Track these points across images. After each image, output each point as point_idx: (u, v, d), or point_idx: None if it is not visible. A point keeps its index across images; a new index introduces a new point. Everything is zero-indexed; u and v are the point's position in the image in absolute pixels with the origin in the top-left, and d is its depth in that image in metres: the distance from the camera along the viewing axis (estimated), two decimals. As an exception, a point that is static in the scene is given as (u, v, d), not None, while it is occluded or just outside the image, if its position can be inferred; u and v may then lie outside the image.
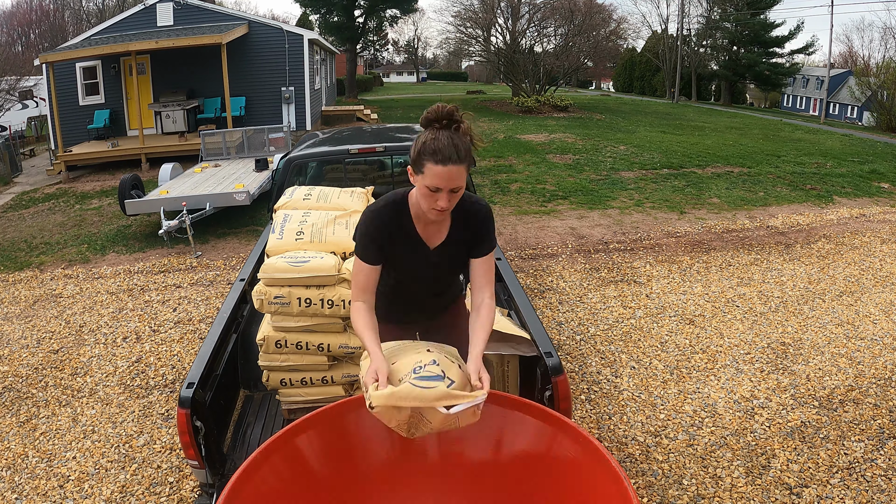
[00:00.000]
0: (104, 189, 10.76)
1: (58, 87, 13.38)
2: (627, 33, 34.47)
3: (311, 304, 2.61)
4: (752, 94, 46.06)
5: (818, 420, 3.65)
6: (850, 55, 43.86)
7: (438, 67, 68.73)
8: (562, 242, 7.17)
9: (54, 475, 3.33)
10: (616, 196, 9.14)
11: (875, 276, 6.05)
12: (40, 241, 7.91)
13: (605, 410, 3.79)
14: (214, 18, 14.58)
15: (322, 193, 3.36)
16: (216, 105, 14.39)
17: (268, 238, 4.05)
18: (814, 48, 38.97)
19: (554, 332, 4.85)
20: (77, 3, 35.28)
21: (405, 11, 30.21)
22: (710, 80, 40.61)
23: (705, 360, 4.41)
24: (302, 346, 2.69)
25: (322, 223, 2.98)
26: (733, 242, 7.12)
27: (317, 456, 1.99)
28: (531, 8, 24.20)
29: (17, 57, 22.85)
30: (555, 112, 20.48)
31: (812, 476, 3.16)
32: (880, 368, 4.25)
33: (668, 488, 3.10)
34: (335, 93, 24.24)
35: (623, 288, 5.75)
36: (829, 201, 9.02)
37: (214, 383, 2.69)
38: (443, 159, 1.75)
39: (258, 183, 8.29)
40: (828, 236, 7.34)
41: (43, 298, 5.98)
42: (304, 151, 4.66)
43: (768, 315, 5.14)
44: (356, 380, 2.79)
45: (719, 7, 37.50)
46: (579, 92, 38.28)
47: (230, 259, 6.88)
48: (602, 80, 51.80)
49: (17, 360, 4.71)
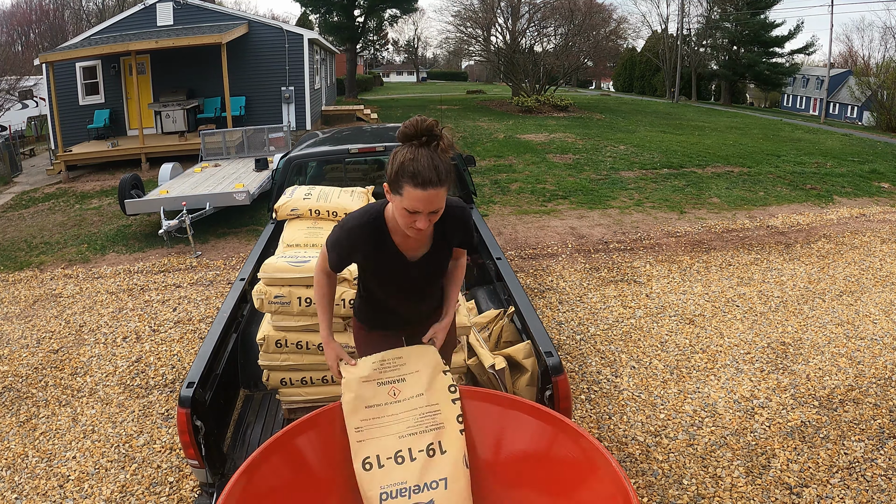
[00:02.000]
0: (104, 189, 10.76)
1: (58, 87, 13.37)
2: (627, 33, 34.62)
3: (312, 304, 2.61)
4: (752, 94, 46.06)
5: (818, 420, 3.65)
6: (850, 55, 43.86)
7: (438, 67, 68.71)
8: (562, 242, 7.17)
9: (54, 475, 3.33)
10: (616, 196, 9.14)
11: (875, 275, 6.04)
12: (40, 241, 7.91)
13: (605, 410, 3.79)
14: (214, 18, 14.58)
15: (322, 193, 3.36)
16: (216, 105, 14.39)
17: (268, 235, 4.07)
18: (814, 48, 38.96)
19: (554, 331, 4.85)
20: (77, 3, 35.28)
21: (405, 11, 30.22)
22: (710, 80, 40.61)
23: (705, 359, 4.41)
24: (302, 346, 2.69)
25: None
26: (733, 242, 7.12)
27: (317, 456, 1.99)
28: (531, 7, 24.23)
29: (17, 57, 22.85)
30: (555, 112, 20.48)
31: (812, 476, 3.16)
32: (880, 368, 4.25)
33: (668, 488, 3.09)
34: (335, 92, 24.24)
35: (623, 287, 5.75)
36: (830, 201, 9.02)
37: (214, 383, 2.69)
38: (422, 182, 1.66)
39: (258, 183, 8.29)
40: (828, 236, 7.34)
41: (43, 298, 5.98)
42: (304, 151, 4.66)
43: (768, 315, 5.14)
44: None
45: (719, 7, 37.49)
46: (579, 92, 38.28)
47: (230, 259, 6.88)
48: (602, 80, 51.81)
49: (17, 359, 4.71)
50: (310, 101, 15.13)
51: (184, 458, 3.29)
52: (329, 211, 3.25)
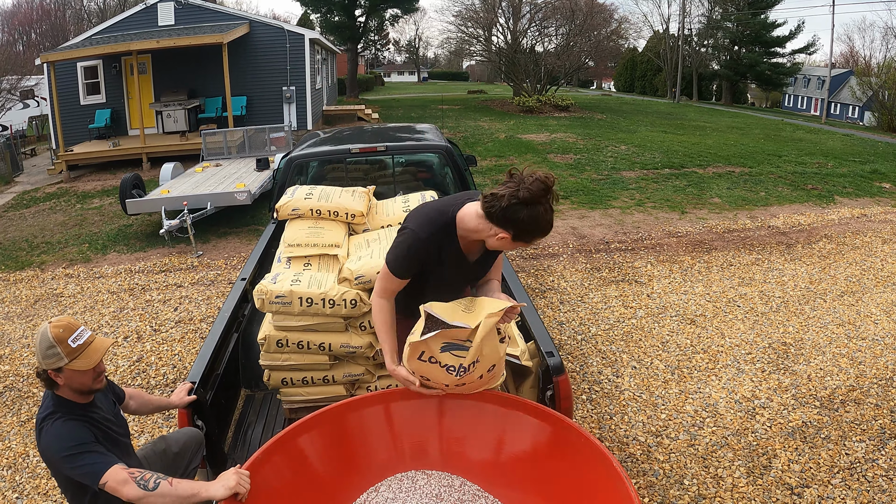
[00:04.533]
0: (105, 188, 10.76)
1: (59, 87, 13.38)
2: (629, 33, 34.55)
3: (313, 304, 2.61)
4: (754, 94, 46.02)
5: (819, 420, 3.65)
6: (852, 55, 43.79)
7: (439, 67, 68.69)
8: (563, 242, 7.16)
9: (55, 474, 3.33)
10: (617, 196, 9.14)
11: (876, 276, 6.04)
12: (41, 241, 7.92)
13: (606, 410, 3.78)
14: (215, 18, 14.58)
15: (323, 193, 3.36)
16: (217, 104, 14.39)
17: (270, 235, 4.07)
18: (815, 48, 38.97)
19: (555, 331, 4.85)
20: (78, 3, 35.29)
21: (406, 11, 30.22)
22: (711, 80, 40.59)
23: (706, 360, 4.40)
24: (303, 346, 2.68)
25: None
26: (734, 242, 7.11)
27: (318, 456, 1.99)
28: (532, 7, 24.22)
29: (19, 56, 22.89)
30: (556, 112, 20.47)
31: (813, 476, 3.16)
32: (881, 368, 4.25)
33: (670, 488, 3.09)
34: (336, 92, 24.23)
35: (624, 288, 5.75)
36: (831, 201, 9.01)
37: (215, 383, 2.69)
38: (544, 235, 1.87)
39: (259, 182, 8.29)
40: (829, 236, 7.33)
41: (44, 298, 5.98)
42: (305, 151, 4.65)
43: (769, 315, 5.14)
44: (357, 379, 2.79)
45: (720, 7, 37.47)
46: (580, 92, 38.28)
47: (231, 258, 6.89)
48: (603, 80, 51.82)
49: (18, 359, 4.72)
50: (311, 101, 15.14)
51: (185, 457, 3.29)
52: (330, 211, 3.25)
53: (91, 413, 1.97)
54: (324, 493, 1.94)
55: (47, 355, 1.87)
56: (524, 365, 2.69)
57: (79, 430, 1.87)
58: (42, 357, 1.87)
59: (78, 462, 1.83)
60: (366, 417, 2.10)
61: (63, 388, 1.92)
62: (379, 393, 2.19)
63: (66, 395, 1.93)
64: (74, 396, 1.94)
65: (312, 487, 1.93)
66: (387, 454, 2.08)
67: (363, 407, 2.11)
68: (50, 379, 1.90)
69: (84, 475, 1.83)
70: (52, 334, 1.87)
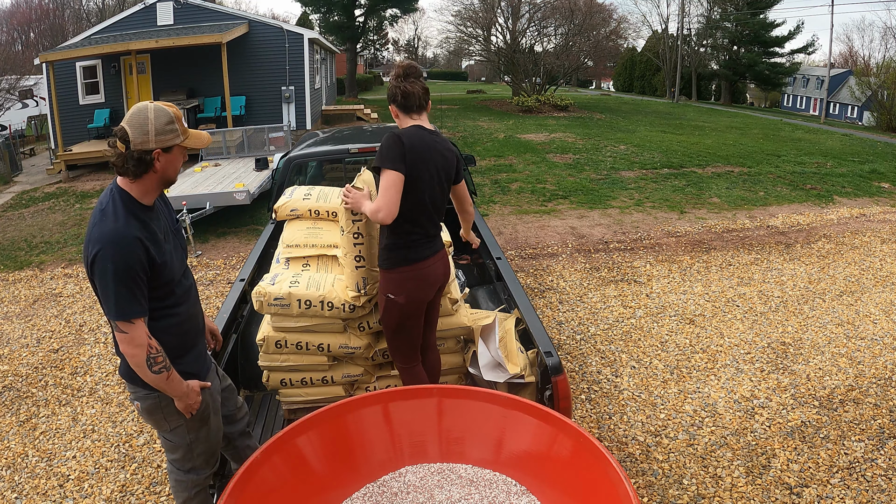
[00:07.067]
0: (104, 188, 10.74)
1: (58, 87, 13.37)
2: (627, 33, 34.49)
3: (311, 306, 2.61)
4: (753, 94, 46.04)
5: (818, 420, 3.65)
6: (851, 55, 43.88)
7: (439, 67, 68.65)
8: (562, 242, 7.16)
9: (54, 474, 3.33)
10: (616, 195, 9.14)
11: (875, 275, 6.04)
12: (40, 241, 7.91)
13: (605, 410, 3.79)
14: (214, 18, 14.58)
15: (322, 193, 3.36)
16: (216, 104, 14.39)
17: (268, 235, 4.07)
18: (814, 48, 38.97)
19: (554, 331, 4.85)
20: (77, 3, 35.28)
21: (405, 11, 30.19)
22: (710, 80, 40.59)
23: (705, 359, 4.41)
24: (302, 347, 2.68)
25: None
26: (733, 242, 7.12)
27: (317, 456, 1.99)
28: (531, 7, 24.21)
29: (17, 56, 22.85)
30: (555, 111, 20.47)
31: (812, 476, 3.16)
32: (880, 368, 4.25)
33: (669, 488, 3.10)
34: (335, 92, 24.23)
35: (623, 287, 5.75)
36: (830, 201, 9.02)
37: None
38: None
39: (258, 182, 8.29)
40: (828, 236, 7.34)
41: (43, 297, 5.98)
42: (304, 151, 4.65)
43: (768, 315, 5.14)
44: (356, 380, 2.79)
45: (719, 7, 37.48)
46: (579, 91, 38.27)
47: (230, 258, 6.88)
48: (602, 80, 51.78)
49: (17, 359, 4.71)
50: (310, 101, 15.13)
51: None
52: (329, 211, 3.25)
53: (152, 217, 1.89)
54: (323, 493, 1.94)
55: (165, 130, 1.78)
56: (527, 382, 2.67)
57: (136, 253, 1.75)
58: (156, 133, 1.77)
59: (113, 282, 1.72)
60: (365, 417, 2.10)
61: (151, 176, 1.82)
62: (378, 393, 2.19)
63: (141, 190, 1.85)
64: (150, 193, 1.86)
65: (312, 488, 1.93)
66: (386, 454, 2.08)
67: (362, 407, 2.11)
68: (148, 161, 1.79)
69: (109, 302, 1.73)
70: (172, 111, 1.79)
